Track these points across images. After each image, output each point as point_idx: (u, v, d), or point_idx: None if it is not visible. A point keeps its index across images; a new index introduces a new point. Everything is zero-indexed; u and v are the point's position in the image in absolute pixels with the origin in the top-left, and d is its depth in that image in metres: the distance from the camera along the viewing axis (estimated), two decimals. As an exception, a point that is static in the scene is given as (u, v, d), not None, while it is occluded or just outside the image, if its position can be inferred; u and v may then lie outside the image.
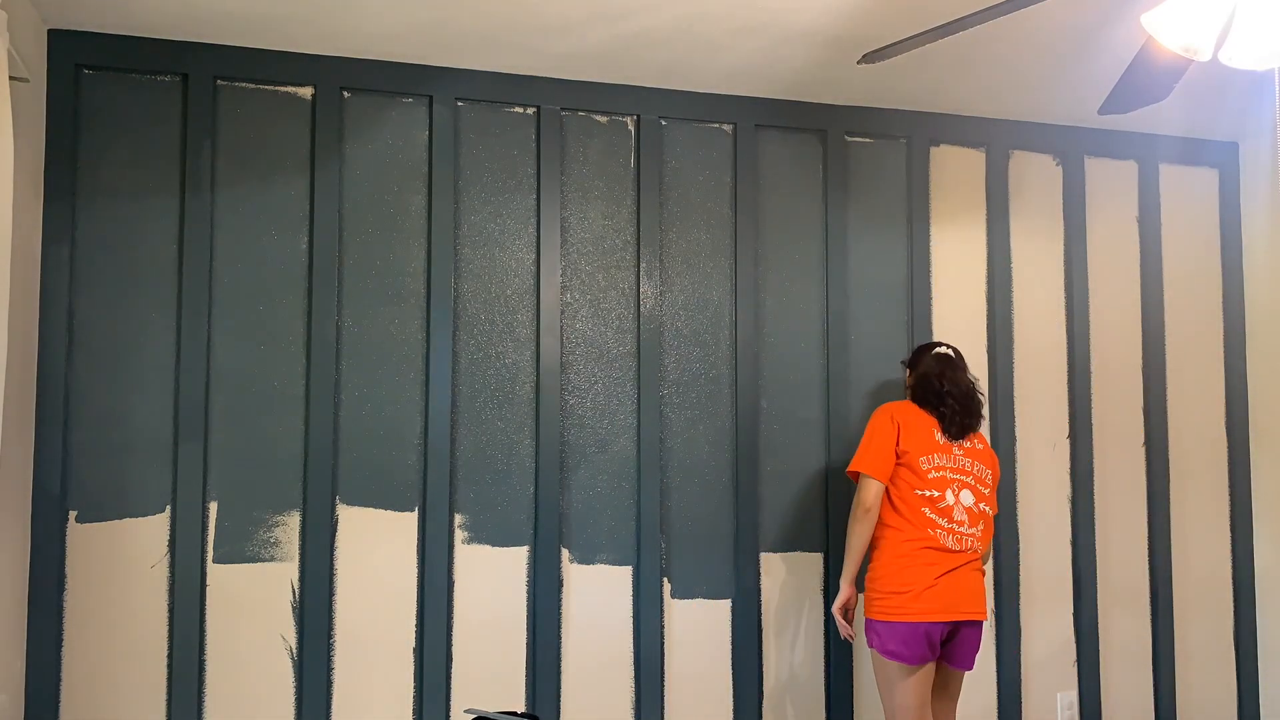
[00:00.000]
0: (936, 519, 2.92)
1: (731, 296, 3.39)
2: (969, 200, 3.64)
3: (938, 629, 2.86)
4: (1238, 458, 3.80)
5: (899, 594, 2.88)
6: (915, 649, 2.85)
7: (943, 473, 2.97)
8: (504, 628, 3.14)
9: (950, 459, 2.99)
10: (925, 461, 2.97)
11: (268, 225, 3.06)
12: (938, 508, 2.93)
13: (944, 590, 2.87)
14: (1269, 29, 1.90)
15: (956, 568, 2.90)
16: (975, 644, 2.96)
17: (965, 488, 2.98)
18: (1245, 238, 3.87)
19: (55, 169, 2.89)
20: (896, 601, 2.87)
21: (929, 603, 2.86)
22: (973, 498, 2.98)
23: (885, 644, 2.88)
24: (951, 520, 2.93)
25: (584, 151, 3.31)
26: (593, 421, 3.25)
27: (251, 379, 3.01)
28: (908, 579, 2.88)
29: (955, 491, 2.96)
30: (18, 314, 2.66)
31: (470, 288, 3.20)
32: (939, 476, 2.96)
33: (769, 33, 2.95)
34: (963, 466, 3.01)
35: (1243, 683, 3.75)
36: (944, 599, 2.87)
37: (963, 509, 2.95)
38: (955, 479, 2.98)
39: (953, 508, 2.94)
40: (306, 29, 2.93)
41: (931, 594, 2.86)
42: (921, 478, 2.95)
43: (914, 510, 2.93)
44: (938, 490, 2.95)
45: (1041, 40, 2.99)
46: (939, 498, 2.94)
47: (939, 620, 2.85)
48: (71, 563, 2.86)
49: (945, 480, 2.96)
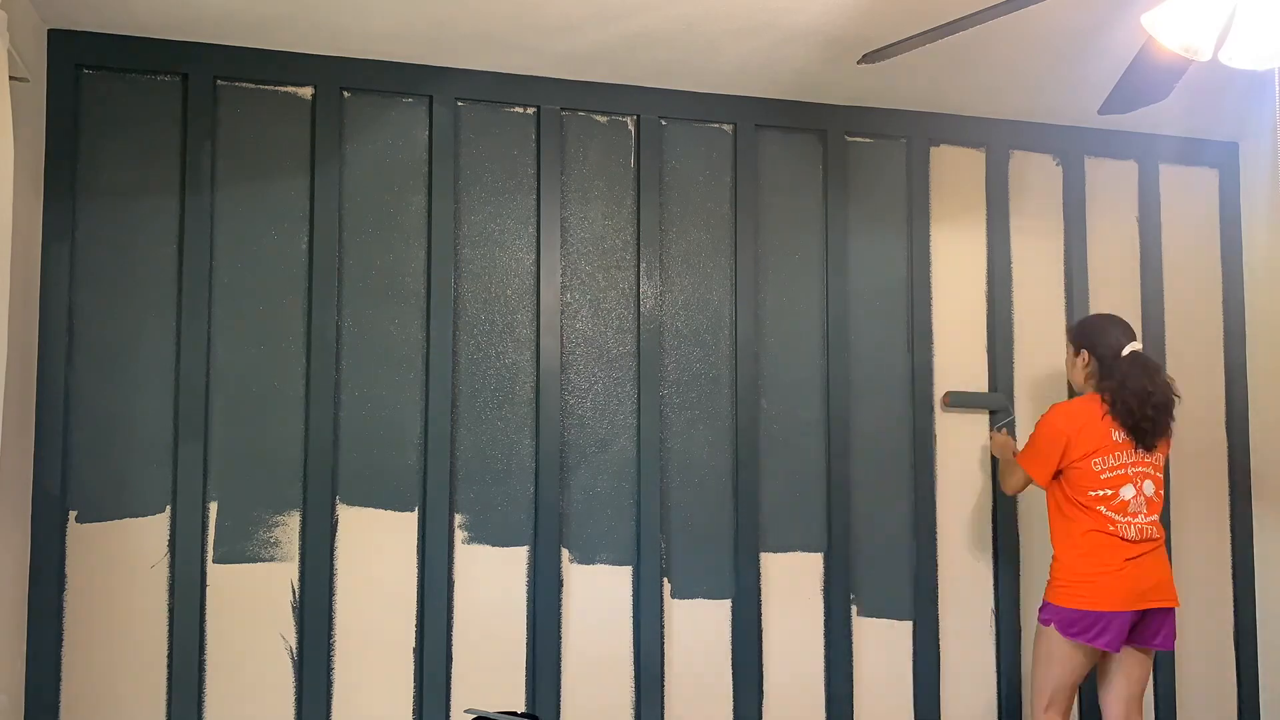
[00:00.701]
0: (1111, 514, 2.96)
1: (731, 296, 3.39)
2: (969, 200, 3.64)
3: (1124, 617, 2.90)
4: (1238, 458, 3.80)
5: (1083, 582, 2.93)
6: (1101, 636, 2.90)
7: (1118, 470, 2.99)
8: (504, 628, 3.14)
9: (1129, 460, 3.01)
10: (1099, 464, 2.99)
11: (268, 225, 3.06)
12: (1112, 503, 2.96)
13: (1128, 578, 2.91)
14: (1269, 29, 1.90)
15: (1139, 555, 2.93)
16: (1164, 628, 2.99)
17: (1147, 478, 3.01)
18: (1245, 238, 3.87)
19: (55, 169, 2.89)
20: (1078, 589, 2.93)
21: (1112, 591, 2.90)
22: (1153, 487, 3.02)
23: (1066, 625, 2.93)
24: (1127, 513, 2.96)
25: (584, 151, 3.32)
26: (593, 421, 3.25)
27: (251, 379, 3.01)
28: (1089, 568, 2.93)
29: (1137, 485, 2.99)
30: (18, 314, 2.66)
31: (470, 288, 3.20)
32: (1112, 475, 2.99)
33: (769, 33, 2.95)
34: (1143, 460, 3.02)
35: (1243, 683, 3.75)
36: (1128, 587, 2.91)
37: (1142, 499, 2.98)
38: (1135, 474, 3.00)
39: (1128, 502, 2.97)
40: (306, 29, 2.93)
41: (1115, 580, 2.90)
42: (1093, 479, 2.98)
43: (1088, 500, 2.98)
44: (1109, 489, 2.98)
45: (1041, 40, 2.99)
46: (1111, 494, 2.97)
47: (1123, 610, 2.89)
48: (71, 563, 2.86)
49: (1121, 479, 2.99)
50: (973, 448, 3.55)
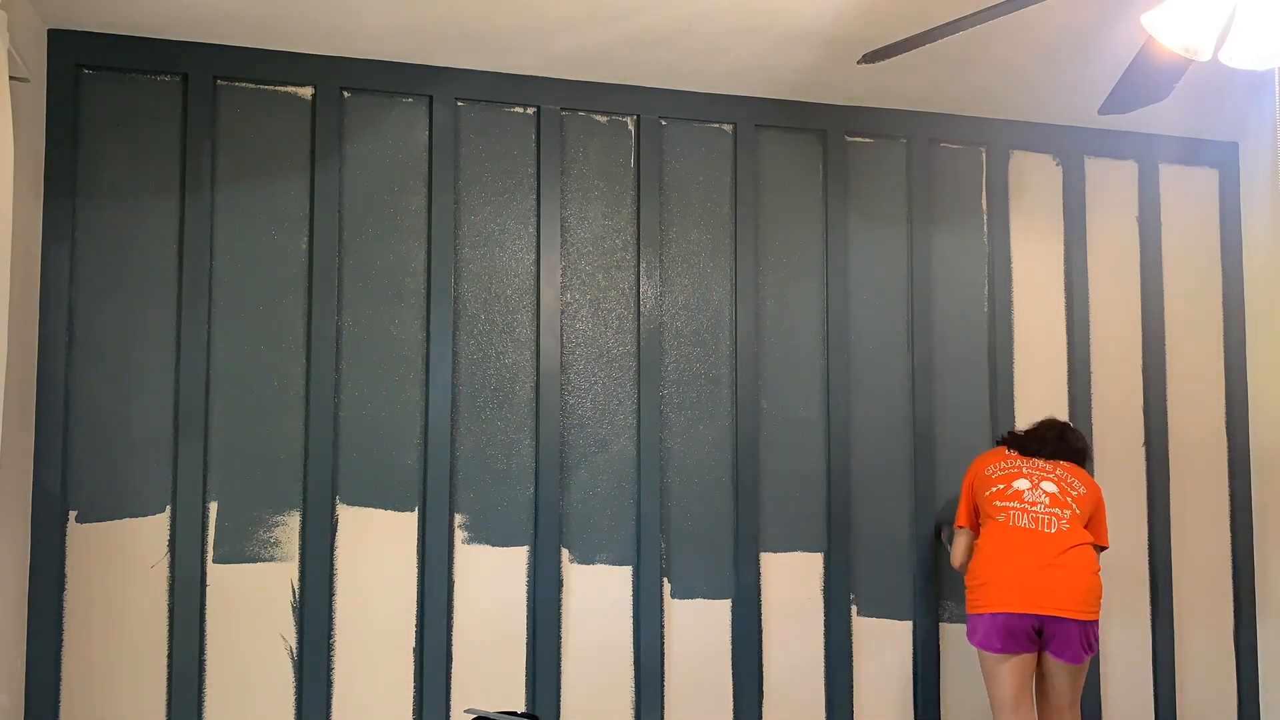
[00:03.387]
0: (1005, 505, 2.96)
1: (731, 296, 3.39)
2: (969, 200, 3.64)
3: (1023, 620, 2.84)
4: (1238, 457, 3.80)
5: (980, 586, 2.92)
6: (998, 640, 2.87)
7: (1011, 469, 3.03)
8: (504, 628, 3.14)
9: (1022, 462, 3.05)
10: (992, 469, 3.07)
11: (268, 225, 3.06)
12: (1005, 494, 2.97)
13: (1029, 582, 2.86)
14: (1269, 29, 1.90)
15: (1049, 563, 2.85)
16: (1072, 639, 2.86)
17: (1045, 479, 3.01)
18: (1245, 238, 3.87)
19: (55, 169, 2.89)
20: (978, 594, 2.92)
21: (1008, 594, 2.86)
22: (1055, 487, 2.99)
23: (973, 634, 2.93)
24: (1022, 501, 2.93)
25: (584, 151, 3.32)
26: (593, 421, 3.25)
27: (251, 379, 3.01)
28: (986, 571, 2.92)
29: (1033, 481, 2.98)
30: (18, 314, 2.66)
31: (470, 288, 3.20)
32: (1005, 473, 3.02)
33: (769, 33, 2.95)
34: (1039, 466, 3.04)
35: (1242, 684, 3.75)
36: (1028, 591, 2.85)
37: (1041, 492, 2.96)
38: (1029, 472, 3.01)
39: (1022, 491, 2.96)
40: (306, 29, 2.93)
41: (1014, 585, 2.86)
42: (989, 481, 3.04)
43: (988, 505, 3.01)
44: (1003, 484, 3.00)
45: (1041, 40, 2.99)
46: (1005, 488, 2.99)
47: (1019, 612, 2.84)
48: (71, 563, 2.85)
49: (1014, 474, 3.01)
50: (973, 447, 3.55)
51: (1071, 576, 2.86)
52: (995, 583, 2.88)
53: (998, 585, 2.87)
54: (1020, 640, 2.86)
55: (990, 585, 2.89)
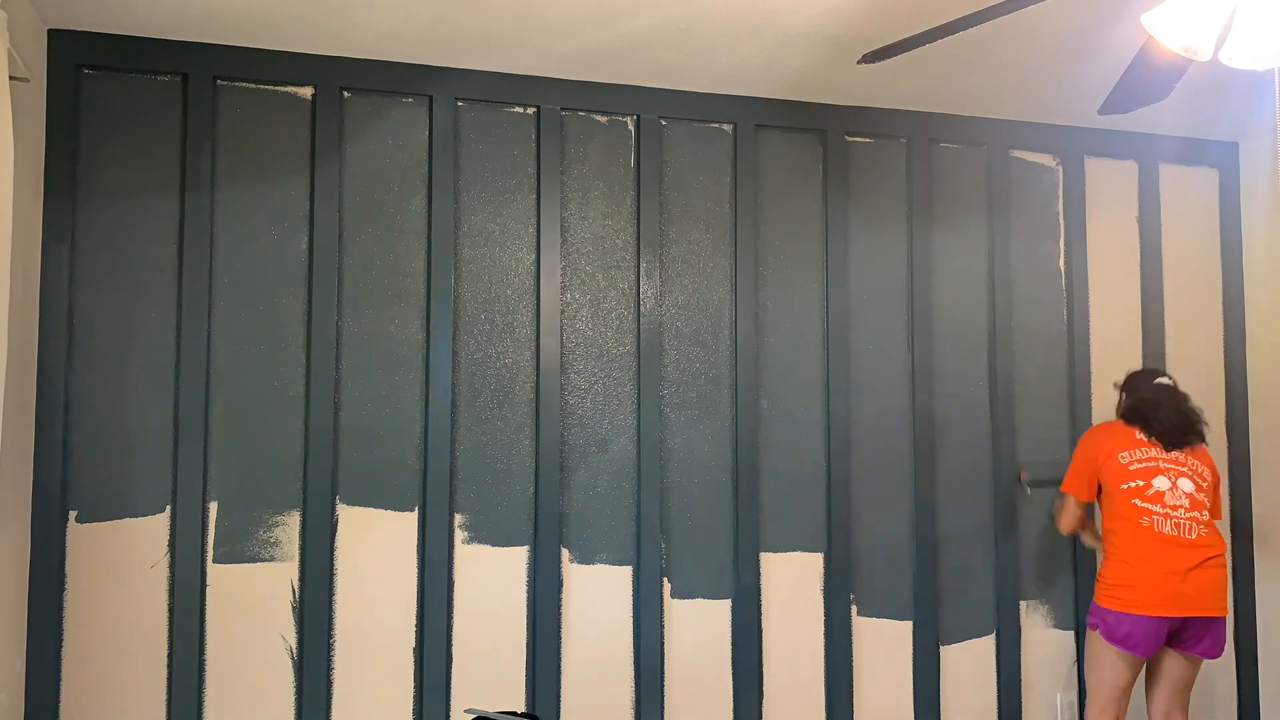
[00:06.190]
0: (1147, 507, 2.98)
1: (731, 296, 3.39)
2: (969, 200, 3.64)
3: (1169, 624, 2.95)
4: (1238, 457, 3.80)
5: (1124, 587, 2.97)
6: (1142, 641, 2.94)
7: (1147, 463, 3.03)
8: (504, 628, 3.14)
9: (1159, 455, 3.06)
10: (1126, 458, 3.05)
11: (268, 225, 3.06)
12: (1145, 495, 2.99)
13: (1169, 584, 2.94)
14: (1269, 29, 1.90)
15: (1192, 568, 2.95)
16: (1213, 635, 3.02)
17: (1181, 475, 3.03)
18: (1245, 238, 3.87)
19: (55, 169, 2.89)
20: (1119, 593, 2.98)
21: (1156, 598, 2.93)
22: (1191, 485, 3.02)
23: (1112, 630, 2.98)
24: (1164, 504, 2.98)
25: (584, 151, 3.32)
26: (593, 421, 3.25)
27: (251, 379, 3.01)
28: (1130, 574, 2.98)
29: (1171, 479, 3.01)
30: (18, 314, 2.66)
31: (470, 288, 3.20)
32: (1142, 467, 3.02)
33: (769, 33, 2.95)
34: (1176, 460, 3.05)
35: (1243, 683, 3.75)
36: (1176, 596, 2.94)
37: (1180, 493, 2.99)
38: (1167, 467, 3.03)
39: (1163, 493, 2.98)
40: (306, 29, 2.93)
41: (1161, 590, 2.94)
42: (1124, 473, 3.04)
43: (1124, 502, 3.01)
44: (1141, 479, 3.01)
45: (1041, 40, 2.99)
46: (1144, 485, 3.00)
47: (1167, 615, 2.93)
48: (71, 563, 2.86)
49: (1151, 469, 3.02)
50: (974, 446, 3.55)
51: (1212, 579, 2.99)
52: (1141, 586, 2.97)
53: (1145, 589, 2.96)
54: (1159, 642, 2.99)
55: (1135, 588, 2.97)
